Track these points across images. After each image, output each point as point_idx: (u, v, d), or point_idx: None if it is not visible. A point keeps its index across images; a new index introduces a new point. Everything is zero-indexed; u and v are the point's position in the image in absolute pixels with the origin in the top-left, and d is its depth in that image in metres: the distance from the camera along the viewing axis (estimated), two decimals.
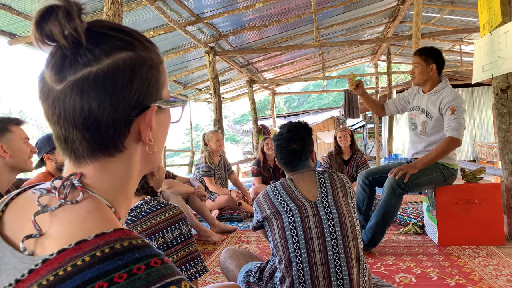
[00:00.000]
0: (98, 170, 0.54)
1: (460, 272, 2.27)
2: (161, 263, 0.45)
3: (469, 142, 12.34)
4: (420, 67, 2.80)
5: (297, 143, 1.64)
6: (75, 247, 0.44)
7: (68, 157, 0.55)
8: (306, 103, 31.29)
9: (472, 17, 7.75)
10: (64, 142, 0.53)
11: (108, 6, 3.13)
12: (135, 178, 0.59)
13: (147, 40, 0.57)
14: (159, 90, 0.57)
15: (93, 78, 0.49)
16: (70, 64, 0.49)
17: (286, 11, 6.59)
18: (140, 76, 0.53)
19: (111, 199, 0.54)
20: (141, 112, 0.54)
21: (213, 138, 4.23)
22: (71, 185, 0.52)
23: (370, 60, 13.35)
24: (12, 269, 0.47)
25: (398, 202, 2.62)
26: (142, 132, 0.55)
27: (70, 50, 0.50)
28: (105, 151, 0.53)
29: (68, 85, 0.49)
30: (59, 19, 0.48)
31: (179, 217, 1.35)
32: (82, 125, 0.50)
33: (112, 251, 0.44)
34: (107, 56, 0.50)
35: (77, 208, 0.50)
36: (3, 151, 1.65)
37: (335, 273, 1.43)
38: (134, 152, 0.57)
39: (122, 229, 0.47)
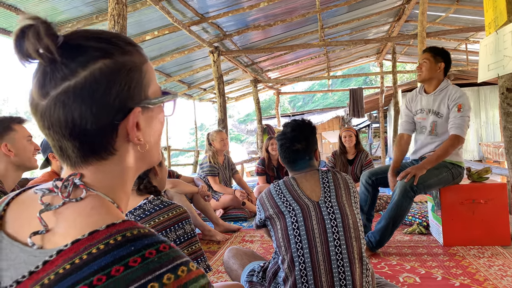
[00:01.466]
0: (94, 172, 0.57)
1: (465, 273, 2.25)
2: (169, 248, 0.48)
3: (475, 141, 12.26)
4: (428, 63, 2.79)
5: (301, 143, 1.63)
6: (89, 237, 0.47)
7: (64, 163, 0.58)
8: (311, 102, 31.23)
9: (478, 16, 7.69)
10: (59, 150, 0.56)
11: (113, 6, 3.14)
12: (132, 176, 0.62)
13: (127, 43, 0.58)
14: (142, 91, 0.58)
15: (72, 91, 0.51)
16: (50, 80, 0.52)
17: (290, 10, 6.58)
18: (119, 82, 0.54)
19: (112, 195, 0.58)
20: (125, 116, 0.56)
21: (217, 137, 4.24)
22: (73, 184, 0.54)
23: (375, 59, 13.30)
24: (22, 263, 0.50)
25: (410, 204, 2.59)
26: (129, 133, 0.57)
27: (48, 66, 0.52)
28: (97, 155, 0.56)
29: (51, 100, 0.52)
30: (30, 39, 0.50)
31: (182, 216, 1.35)
32: (70, 135, 0.53)
33: (124, 238, 0.47)
34: (83, 68, 0.52)
35: (81, 205, 0.53)
36: (7, 149, 1.66)
37: (338, 273, 1.43)
38: (126, 153, 0.59)
39: (129, 220, 0.51)
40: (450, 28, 8.32)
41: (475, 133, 12.33)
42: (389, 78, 16.47)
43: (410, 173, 2.58)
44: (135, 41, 0.60)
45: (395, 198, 2.58)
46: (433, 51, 2.82)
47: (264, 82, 10.75)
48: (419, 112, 2.95)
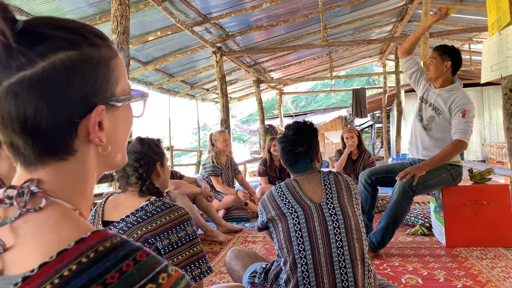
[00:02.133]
0: (52, 174, 0.50)
1: (468, 274, 2.25)
2: (146, 256, 0.45)
3: (478, 142, 12.22)
4: (435, 62, 2.79)
5: (303, 146, 1.64)
6: (58, 258, 0.42)
7: (17, 161, 0.51)
8: (313, 102, 31.21)
9: (481, 16, 7.67)
10: (10, 147, 0.50)
11: (116, 7, 3.16)
12: (92, 179, 0.56)
13: (96, 36, 0.52)
14: (109, 87, 0.53)
15: (27, 82, 0.46)
16: (3, 68, 0.46)
17: (293, 11, 6.58)
18: (82, 76, 0.49)
19: (72, 201, 0.51)
20: (87, 113, 0.50)
21: (220, 138, 4.25)
22: (30, 192, 0.48)
23: (378, 59, 13.27)
24: None
25: (409, 204, 2.60)
26: (90, 133, 0.51)
27: (3, 52, 0.46)
28: (54, 155, 0.50)
29: (2, 90, 0.46)
30: None
31: (184, 218, 1.35)
32: (21, 131, 0.47)
33: (97, 254, 0.43)
34: (42, 58, 0.46)
35: (42, 217, 0.47)
36: None
37: (340, 274, 1.43)
38: (87, 153, 0.53)
39: (97, 230, 0.46)
40: (453, 28, 8.29)
41: (479, 134, 12.29)
42: (392, 78, 16.43)
43: (409, 173, 2.59)
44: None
45: (394, 198, 2.59)
46: (440, 50, 2.81)
47: (266, 82, 10.76)
48: (423, 101, 2.95)
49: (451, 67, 2.79)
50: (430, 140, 2.82)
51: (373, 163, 4.40)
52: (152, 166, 1.48)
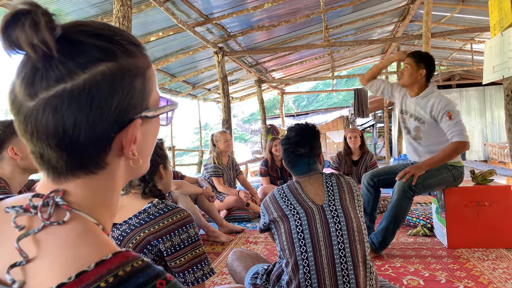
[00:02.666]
0: (80, 187, 0.49)
1: (469, 275, 2.25)
2: (166, 283, 0.43)
3: (480, 142, 12.20)
4: (410, 69, 2.76)
5: (305, 148, 1.64)
6: (76, 280, 0.41)
7: (45, 172, 0.50)
8: (315, 102, 31.19)
9: (483, 16, 7.65)
10: (40, 159, 0.48)
11: (118, 8, 3.17)
12: (119, 191, 0.56)
13: (132, 43, 0.50)
14: (144, 99, 0.51)
15: (67, 95, 0.44)
16: (41, 79, 0.44)
17: (294, 11, 6.58)
18: (121, 90, 0.47)
19: (96, 215, 0.50)
20: (123, 127, 0.49)
21: (222, 138, 4.25)
22: (55, 204, 0.47)
23: (380, 59, 13.26)
24: None
25: (409, 204, 2.60)
26: (124, 148, 0.50)
27: (41, 62, 0.44)
28: (85, 169, 0.49)
29: (40, 103, 0.44)
30: (25, 29, 0.42)
31: (186, 220, 1.36)
32: (57, 146, 0.46)
33: (117, 280, 0.41)
34: (83, 71, 0.45)
35: (64, 231, 0.45)
36: (14, 153, 1.68)
37: (342, 276, 1.44)
38: (117, 167, 0.52)
39: (120, 251, 0.45)
40: (455, 28, 8.29)
41: (480, 134, 12.27)
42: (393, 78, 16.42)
43: (408, 173, 2.59)
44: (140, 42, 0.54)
45: (394, 198, 2.60)
46: (416, 57, 2.77)
47: (268, 82, 10.76)
48: (403, 113, 2.94)
49: (425, 75, 2.76)
50: (424, 148, 2.82)
51: (375, 164, 4.39)
52: (155, 168, 1.49)
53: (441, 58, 11.96)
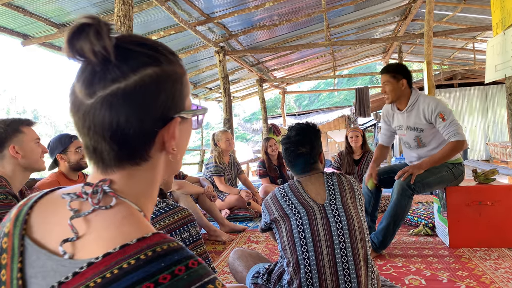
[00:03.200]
0: (126, 177, 0.57)
1: (471, 275, 2.24)
2: (197, 264, 0.48)
3: (482, 141, 12.18)
4: (390, 85, 2.75)
5: (306, 147, 1.64)
6: (120, 251, 0.47)
7: (95, 165, 0.57)
8: (316, 101, 31.19)
9: (485, 15, 7.64)
10: (92, 152, 0.56)
11: (119, 7, 3.16)
12: (159, 183, 0.63)
13: (171, 53, 0.59)
14: (182, 101, 0.59)
15: (121, 94, 0.52)
16: (99, 80, 0.52)
17: (296, 10, 6.57)
18: (165, 90, 0.55)
19: (139, 203, 0.57)
20: (165, 124, 0.57)
21: (223, 138, 4.25)
22: (103, 191, 0.54)
23: (381, 58, 13.24)
24: (51, 272, 0.49)
25: (409, 203, 2.60)
26: (166, 142, 0.58)
27: (99, 66, 0.52)
28: (131, 160, 0.56)
29: (98, 100, 0.52)
30: (89, 38, 0.50)
31: (187, 219, 1.36)
32: (111, 138, 0.53)
33: (155, 254, 0.47)
34: (134, 73, 0.53)
35: (111, 213, 0.52)
36: (15, 152, 1.68)
37: (343, 276, 1.43)
38: (158, 160, 0.59)
39: (158, 233, 0.50)
40: (457, 27, 8.27)
41: (482, 133, 12.24)
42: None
43: (407, 172, 2.59)
44: (176, 54, 0.61)
45: (393, 198, 2.59)
46: (390, 71, 2.77)
47: (269, 81, 10.75)
48: (398, 129, 2.94)
49: (407, 83, 2.75)
50: (428, 152, 2.80)
51: None
52: None
53: (443, 57, 11.94)
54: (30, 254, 0.52)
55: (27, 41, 4.78)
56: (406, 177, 2.58)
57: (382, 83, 2.81)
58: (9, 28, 4.49)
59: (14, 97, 33.93)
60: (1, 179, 1.61)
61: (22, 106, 34.48)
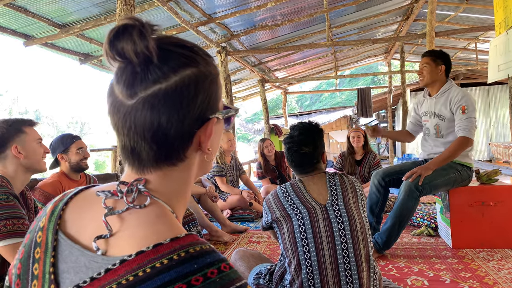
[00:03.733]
0: (161, 177, 0.57)
1: (474, 276, 2.23)
2: (229, 268, 0.48)
3: (484, 141, 12.14)
4: (429, 67, 2.78)
5: (308, 146, 1.63)
6: (153, 250, 0.46)
7: (131, 165, 0.57)
8: (318, 101, 31.16)
9: (488, 15, 7.61)
10: (130, 152, 0.56)
11: (121, 7, 3.17)
12: (192, 183, 0.63)
13: (206, 55, 0.59)
14: (217, 102, 0.60)
15: (162, 94, 0.52)
16: (140, 81, 0.52)
17: (298, 10, 6.56)
18: (203, 91, 0.56)
19: (172, 204, 0.57)
20: (203, 124, 0.57)
21: (224, 138, 4.25)
22: (138, 190, 0.55)
23: (383, 58, 13.22)
24: (83, 267, 0.50)
25: (415, 204, 2.58)
26: (202, 142, 0.58)
27: (140, 67, 0.52)
28: (168, 161, 0.56)
29: (139, 101, 0.52)
30: (133, 38, 0.50)
31: (188, 218, 1.36)
32: (151, 138, 0.53)
33: (188, 255, 0.46)
34: (174, 73, 0.53)
35: (145, 212, 0.52)
36: (17, 152, 1.68)
37: (345, 276, 1.43)
38: (194, 161, 0.60)
39: (191, 234, 0.50)
40: (460, 27, 8.24)
41: (485, 133, 12.21)
42: (397, 78, 16.38)
43: (416, 173, 2.57)
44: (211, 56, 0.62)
45: (400, 198, 2.57)
46: (432, 55, 2.81)
47: (271, 82, 10.75)
48: (424, 115, 2.96)
49: (445, 70, 2.79)
50: (443, 145, 2.79)
51: (378, 163, 4.38)
52: None
53: None
54: (63, 249, 0.53)
55: (29, 42, 4.79)
56: (414, 178, 2.57)
57: (421, 64, 2.84)
58: (11, 28, 4.50)
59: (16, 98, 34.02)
60: (3, 180, 1.61)
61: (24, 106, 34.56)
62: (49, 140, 2.56)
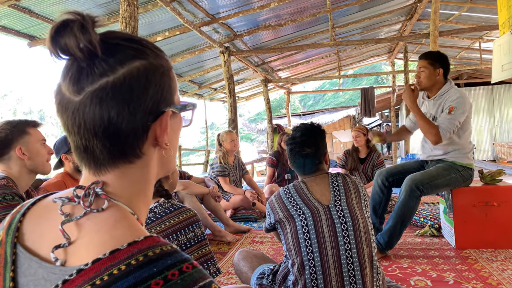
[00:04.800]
0: (118, 177, 0.55)
1: (478, 276, 2.23)
2: (192, 268, 0.47)
3: (489, 141, 12.09)
4: (427, 71, 2.73)
5: (311, 147, 1.63)
6: (110, 257, 0.45)
7: (87, 166, 0.55)
8: (321, 101, 31.13)
9: (492, 14, 7.58)
10: (84, 152, 0.54)
11: (124, 8, 3.18)
12: (153, 182, 0.61)
13: (156, 48, 0.58)
14: (171, 95, 0.58)
15: (110, 87, 0.50)
16: (87, 75, 0.51)
17: (301, 10, 6.56)
18: (154, 83, 0.54)
19: (132, 206, 0.56)
20: (157, 118, 0.55)
21: (228, 138, 4.25)
22: (95, 194, 0.53)
23: (386, 58, 13.19)
24: (41, 280, 0.48)
25: (416, 204, 2.58)
26: (159, 137, 0.56)
27: (85, 62, 0.51)
28: (124, 158, 0.54)
29: (86, 96, 0.50)
30: (74, 33, 0.49)
31: (192, 219, 1.36)
32: (103, 133, 0.52)
33: (146, 258, 0.45)
34: (122, 66, 0.52)
35: (103, 217, 0.51)
36: (21, 153, 1.69)
37: (348, 277, 1.43)
38: (152, 157, 0.58)
39: (151, 236, 0.49)
40: (463, 26, 8.21)
41: (489, 133, 12.15)
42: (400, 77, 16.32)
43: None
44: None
45: (401, 198, 2.57)
46: (430, 58, 2.74)
47: (274, 82, 10.74)
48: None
49: (443, 73, 2.73)
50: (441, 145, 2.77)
51: (382, 163, 4.39)
52: None
53: (449, 57, 11.79)
54: (22, 263, 0.51)
55: (33, 42, 4.81)
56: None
57: (418, 68, 2.79)
58: (16, 29, 4.53)
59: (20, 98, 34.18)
60: (8, 180, 1.62)
61: (29, 106, 34.73)
62: (53, 140, 2.57)
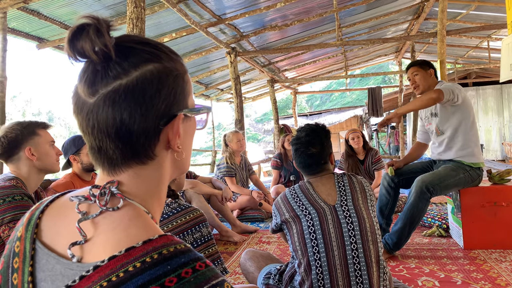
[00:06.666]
0: (132, 177, 0.57)
1: (486, 277, 2.21)
2: (205, 266, 0.48)
3: (497, 141, 11.96)
4: (420, 73, 2.79)
5: (316, 147, 1.63)
6: (125, 254, 0.46)
7: (102, 166, 0.57)
8: (328, 101, 31.05)
9: (500, 13, 7.51)
10: (98, 152, 0.56)
11: (132, 9, 3.20)
12: (166, 183, 0.63)
13: (171, 52, 0.59)
14: (185, 99, 0.59)
15: (123, 90, 0.52)
16: (101, 78, 0.52)
17: (307, 10, 6.55)
18: (167, 86, 0.56)
19: (146, 205, 0.57)
20: (169, 121, 0.57)
21: (234, 138, 4.26)
22: (110, 193, 0.54)
23: (394, 58, 13.11)
24: (59, 275, 0.50)
25: (426, 206, 2.57)
26: (171, 140, 0.57)
27: (100, 64, 0.53)
28: (137, 159, 0.56)
29: (100, 98, 0.52)
30: (89, 36, 0.51)
31: (199, 219, 1.37)
32: (115, 135, 0.53)
33: (161, 256, 0.46)
34: (135, 69, 0.53)
35: (118, 215, 0.52)
36: (31, 153, 1.71)
37: (355, 277, 1.43)
38: (164, 159, 0.59)
39: (165, 235, 0.50)
40: (471, 25, 8.14)
41: (498, 132, 12.02)
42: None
43: (389, 120, 2.70)
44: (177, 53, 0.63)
45: (411, 199, 2.56)
46: (417, 64, 2.85)
47: (281, 82, 10.73)
48: (426, 121, 2.98)
49: (434, 73, 2.81)
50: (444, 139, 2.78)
51: (379, 159, 4.42)
52: None
53: (457, 56, 11.77)
54: (40, 258, 0.53)
55: (42, 44, 4.87)
56: (383, 123, 2.74)
57: (411, 74, 2.84)
58: (24, 31, 4.58)
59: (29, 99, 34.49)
60: (17, 181, 1.64)
61: (38, 108, 35.03)
62: (62, 141, 2.60)
